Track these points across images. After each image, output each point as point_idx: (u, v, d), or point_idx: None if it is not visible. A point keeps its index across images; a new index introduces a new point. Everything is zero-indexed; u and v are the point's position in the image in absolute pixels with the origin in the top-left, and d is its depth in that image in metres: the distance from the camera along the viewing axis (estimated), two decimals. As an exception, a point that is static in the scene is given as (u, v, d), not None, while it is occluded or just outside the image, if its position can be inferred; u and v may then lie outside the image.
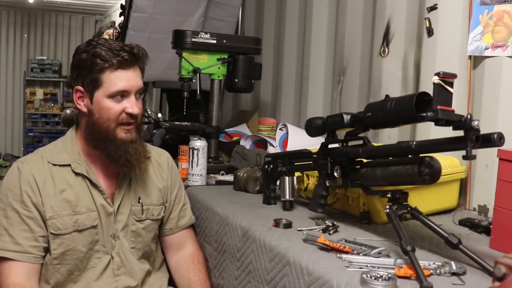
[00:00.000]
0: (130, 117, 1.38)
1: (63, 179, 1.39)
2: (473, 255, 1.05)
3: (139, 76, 1.40)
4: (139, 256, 1.48)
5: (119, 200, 1.45)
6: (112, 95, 1.35)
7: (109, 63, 1.33)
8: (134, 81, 1.38)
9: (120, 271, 1.43)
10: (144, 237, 1.49)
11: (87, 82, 1.36)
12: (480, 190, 1.60)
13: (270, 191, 1.61)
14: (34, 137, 8.62)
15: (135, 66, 1.38)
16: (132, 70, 1.38)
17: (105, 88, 1.35)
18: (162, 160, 1.59)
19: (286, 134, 2.30)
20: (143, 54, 1.41)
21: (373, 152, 1.24)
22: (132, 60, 1.37)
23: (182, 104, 2.16)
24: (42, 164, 1.40)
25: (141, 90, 1.41)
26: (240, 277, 1.37)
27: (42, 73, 8.65)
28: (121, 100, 1.37)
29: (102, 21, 8.44)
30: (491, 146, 0.95)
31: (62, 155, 1.42)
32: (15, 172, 1.39)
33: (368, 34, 2.16)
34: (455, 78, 0.98)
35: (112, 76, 1.34)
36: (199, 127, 2.19)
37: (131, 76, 1.37)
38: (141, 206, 1.48)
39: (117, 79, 1.35)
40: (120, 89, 1.35)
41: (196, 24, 2.82)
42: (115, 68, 1.34)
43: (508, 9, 1.52)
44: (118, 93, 1.36)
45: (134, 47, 1.38)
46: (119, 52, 1.35)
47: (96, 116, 1.37)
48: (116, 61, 1.34)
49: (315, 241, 1.16)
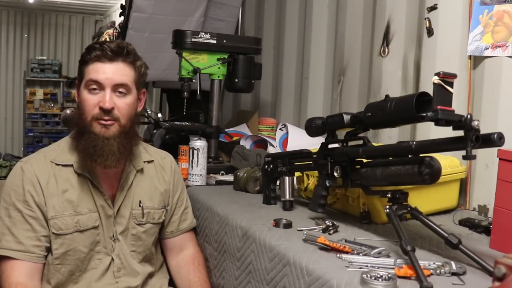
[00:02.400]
0: (102, 112, 1.34)
1: (66, 179, 1.39)
2: (473, 255, 1.05)
3: (121, 72, 1.37)
4: (140, 260, 1.48)
5: (120, 203, 1.44)
6: (87, 86, 1.36)
7: (90, 55, 1.36)
8: (110, 74, 1.35)
9: (120, 273, 1.43)
10: (144, 241, 1.49)
11: (78, 76, 1.41)
12: (480, 190, 1.60)
13: (270, 191, 1.61)
14: (34, 137, 8.62)
15: (116, 61, 1.36)
16: (112, 64, 1.36)
17: (84, 80, 1.37)
18: (166, 163, 1.59)
19: (286, 134, 2.30)
20: (128, 50, 1.39)
21: (373, 152, 1.24)
22: (109, 55, 1.35)
23: (182, 104, 2.16)
24: (45, 163, 1.40)
25: (123, 86, 1.37)
26: (240, 277, 1.37)
27: (42, 73, 8.65)
28: (98, 93, 1.36)
29: (102, 21, 8.44)
30: (491, 146, 0.95)
31: (65, 155, 1.42)
32: (18, 171, 1.39)
33: (368, 34, 2.16)
34: (455, 78, 0.98)
35: (91, 67, 1.36)
36: (199, 127, 2.19)
37: (108, 69, 1.35)
38: (141, 210, 1.47)
39: (93, 69, 1.36)
40: (93, 78, 1.35)
41: (196, 24, 2.82)
42: (95, 60, 1.36)
43: (508, 9, 1.52)
44: (90, 83, 1.35)
45: (120, 44, 1.39)
46: (103, 46, 1.36)
47: (79, 108, 1.39)
48: (96, 53, 1.35)
49: (315, 241, 1.16)
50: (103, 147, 1.34)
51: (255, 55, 2.23)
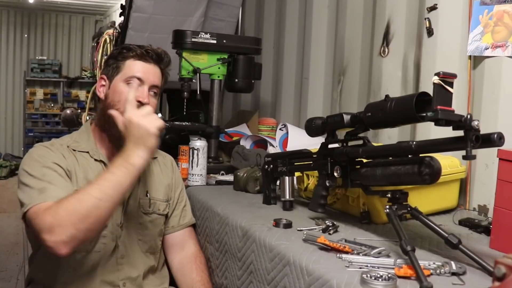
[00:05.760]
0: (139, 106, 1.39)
1: (85, 162, 1.44)
2: (473, 255, 1.05)
3: (158, 76, 1.47)
4: (145, 250, 1.51)
5: (129, 192, 1.47)
6: (127, 80, 1.43)
7: (132, 53, 1.45)
8: (150, 74, 1.45)
9: (123, 260, 1.46)
10: (151, 230, 1.52)
11: (111, 69, 1.46)
12: (480, 190, 1.60)
13: (270, 191, 1.62)
14: (34, 137, 8.61)
15: (155, 64, 1.47)
16: (152, 65, 1.46)
17: (123, 74, 1.44)
18: (167, 161, 1.65)
19: (286, 134, 2.30)
20: (166, 58, 1.50)
21: (373, 152, 1.24)
22: (154, 57, 1.46)
23: (182, 104, 2.16)
24: (63, 147, 1.43)
25: (156, 88, 1.46)
26: (242, 277, 1.37)
27: (42, 73, 8.65)
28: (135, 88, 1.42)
29: (102, 21, 8.45)
30: (491, 146, 0.95)
31: (79, 144, 1.46)
32: (41, 148, 1.39)
33: (368, 34, 2.16)
34: (455, 78, 0.98)
35: (132, 64, 1.45)
36: (199, 127, 2.19)
37: (149, 69, 1.45)
38: (148, 200, 1.52)
39: (135, 66, 1.44)
40: (135, 74, 1.43)
41: (196, 24, 2.82)
42: (137, 58, 1.45)
43: (508, 9, 1.52)
44: (132, 78, 1.42)
45: (160, 50, 1.49)
46: (145, 47, 1.47)
47: (109, 100, 1.44)
48: (139, 52, 1.45)
49: (315, 241, 1.16)
50: None
51: (255, 55, 2.23)
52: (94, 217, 1.18)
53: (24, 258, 3.82)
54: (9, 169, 7.04)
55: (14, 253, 4.03)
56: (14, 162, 7.33)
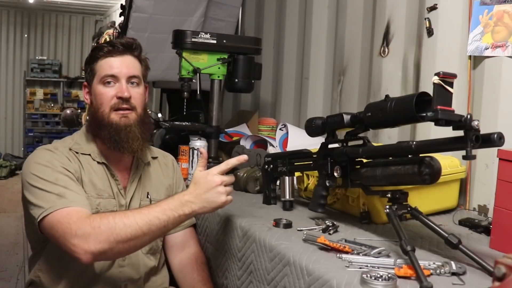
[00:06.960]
0: (122, 101, 1.42)
1: (88, 165, 1.44)
2: (473, 255, 1.05)
3: (132, 65, 1.46)
4: (146, 251, 1.51)
5: (131, 194, 1.49)
6: (103, 81, 1.43)
7: (100, 52, 1.44)
8: (123, 67, 1.43)
9: (125, 262, 1.46)
10: None
11: (88, 75, 1.47)
12: (480, 190, 1.60)
13: (270, 191, 1.62)
14: (34, 137, 8.62)
15: (126, 55, 1.45)
16: (122, 57, 1.45)
17: (97, 76, 1.44)
18: (168, 161, 1.65)
19: (286, 134, 2.30)
20: (136, 45, 1.48)
21: (373, 152, 1.24)
22: (121, 49, 1.44)
23: (182, 104, 2.16)
24: (66, 149, 1.44)
25: (135, 78, 1.45)
26: (242, 277, 1.37)
27: (42, 73, 8.66)
28: (113, 85, 1.43)
29: (102, 21, 8.44)
30: (491, 146, 0.95)
31: (81, 146, 1.47)
32: (47, 152, 1.39)
33: (368, 34, 2.16)
34: (455, 78, 0.98)
35: (102, 63, 1.44)
36: (199, 127, 2.19)
37: (121, 63, 1.44)
38: (149, 201, 1.52)
39: (106, 64, 1.44)
40: (108, 73, 1.42)
41: (196, 24, 2.82)
42: (105, 56, 1.44)
43: (508, 9, 1.52)
44: (107, 77, 1.42)
45: (126, 39, 1.48)
46: (112, 42, 1.47)
47: (94, 104, 1.45)
48: (106, 49, 1.44)
49: (315, 241, 1.16)
50: (127, 133, 1.42)
51: (255, 55, 2.22)
52: (132, 245, 1.22)
53: (24, 258, 3.82)
54: (9, 169, 7.04)
55: (14, 253, 4.03)
56: (14, 162, 7.34)
